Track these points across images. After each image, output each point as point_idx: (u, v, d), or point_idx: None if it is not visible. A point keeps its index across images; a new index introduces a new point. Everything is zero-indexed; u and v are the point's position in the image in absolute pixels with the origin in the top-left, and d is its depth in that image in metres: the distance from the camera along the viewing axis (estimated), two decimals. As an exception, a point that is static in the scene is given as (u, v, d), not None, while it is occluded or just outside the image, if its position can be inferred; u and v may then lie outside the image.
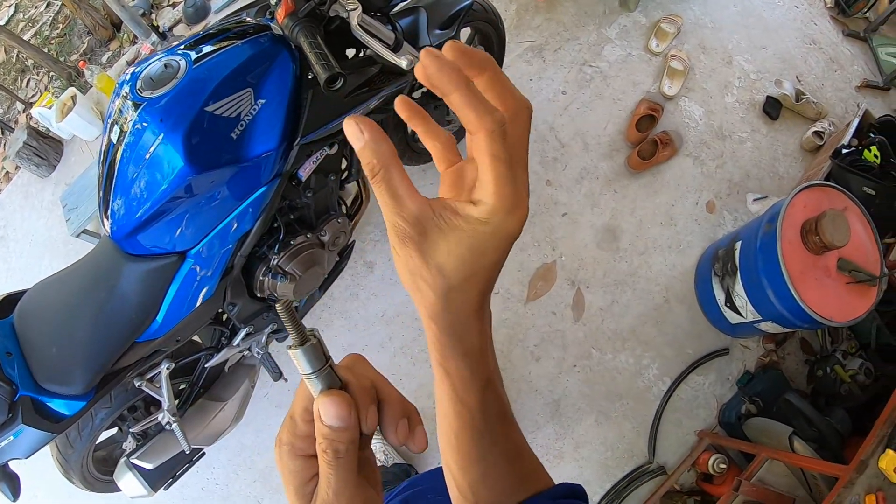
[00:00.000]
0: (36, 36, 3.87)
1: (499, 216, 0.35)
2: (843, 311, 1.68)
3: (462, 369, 0.41)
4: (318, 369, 0.37)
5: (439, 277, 0.37)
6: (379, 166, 0.35)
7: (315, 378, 0.37)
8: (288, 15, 1.20)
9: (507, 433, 0.46)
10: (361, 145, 0.35)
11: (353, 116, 0.36)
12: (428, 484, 0.87)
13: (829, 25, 2.78)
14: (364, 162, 0.35)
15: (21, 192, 3.20)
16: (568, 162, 2.44)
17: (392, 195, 0.36)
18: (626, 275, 2.26)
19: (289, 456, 0.38)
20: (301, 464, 0.38)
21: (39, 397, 1.30)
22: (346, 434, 0.36)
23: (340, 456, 0.36)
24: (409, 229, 0.36)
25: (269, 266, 1.62)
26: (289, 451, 0.38)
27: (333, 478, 0.36)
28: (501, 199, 0.35)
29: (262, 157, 1.31)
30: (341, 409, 0.36)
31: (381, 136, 0.35)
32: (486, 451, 0.44)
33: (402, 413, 0.40)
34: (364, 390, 0.39)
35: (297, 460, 0.38)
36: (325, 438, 0.36)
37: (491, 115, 0.33)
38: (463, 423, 0.43)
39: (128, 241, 1.33)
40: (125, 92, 1.25)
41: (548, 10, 2.75)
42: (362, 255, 2.38)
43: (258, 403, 2.25)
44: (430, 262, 0.36)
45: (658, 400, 2.11)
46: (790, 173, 2.43)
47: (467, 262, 0.36)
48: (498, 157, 0.34)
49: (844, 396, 1.94)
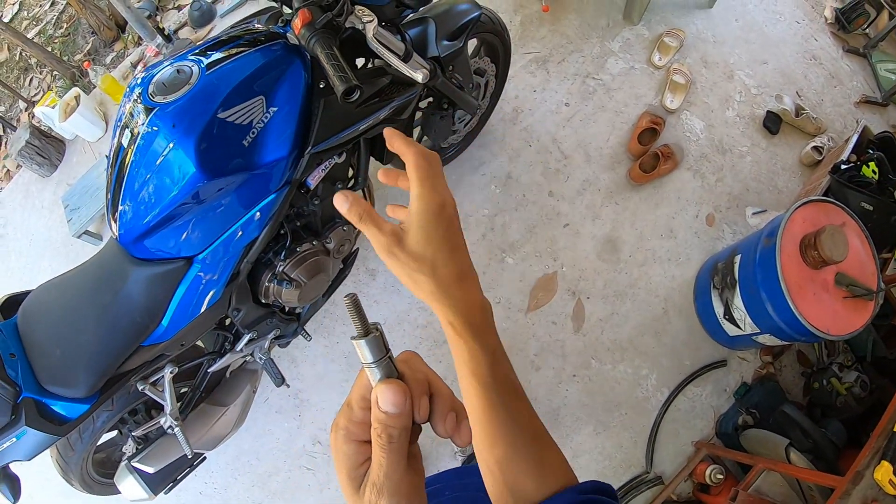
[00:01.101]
0: (40, 35, 3.85)
1: (424, 196, 0.51)
2: (840, 325, 1.70)
3: (470, 342, 0.49)
4: (379, 359, 0.40)
5: (421, 259, 0.51)
6: (364, 212, 0.52)
7: (375, 367, 0.40)
8: (305, 25, 1.20)
9: (523, 410, 0.51)
10: (347, 208, 0.51)
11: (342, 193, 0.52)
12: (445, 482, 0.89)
13: (830, 41, 2.82)
14: (352, 216, 0.52)
15: (22, 192, 3.18)
16: (570, 173, 2.46)
17: (375, 225, 0.52)
18: (626, 286, 2.28)
19: (344, 440, 0.42)
20: (355, 448, 0.41)
21: (43, 399, 1.29)
22: (400, 420, 0.40)
23: (394, 441, 0.39)
24: (388, 240, 0.51)
25: (275, 272, 1.63)
26: (344, 435, 0.42)
27: (385, 461, 0.39)
28: (421, 186, 0.51)
29: (273, 164, 1.32)
30: (398, 397, 0.40)
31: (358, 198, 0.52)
32: (506, 428, 0.48)
33: (451, 408, 0.44)
34: (418, 382, 0.43)
35: (351, 444, 0.42)
36: (381, 423, 0.40)
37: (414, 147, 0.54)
38: (480, 398, 0.49)
39: (135, 245, 1.33)
40: (136, 96, 1.25)
41: (552, 22, 2.77)
42: (365, 263, 2.39)
43: (258, 409, 2.26)
44: (411, 253, 0.51)
45: (656, 410, 2.13)
46: (789, 188, 2.45)
47: (431, 238, 0.51)
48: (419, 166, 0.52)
49: (840, 408, 1.96)
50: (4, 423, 1.24)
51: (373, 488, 0.39)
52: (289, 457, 2.21)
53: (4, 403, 1.23)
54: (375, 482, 0.39)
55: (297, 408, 2.26)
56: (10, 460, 1.30)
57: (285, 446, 2.23)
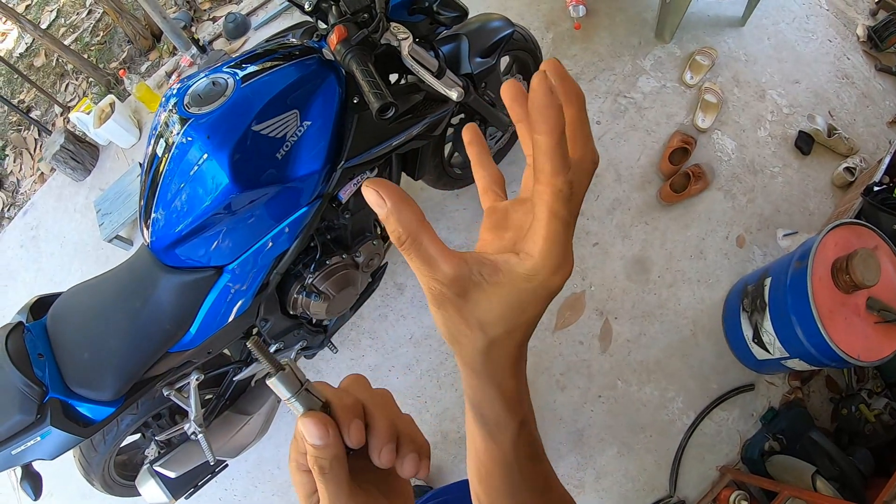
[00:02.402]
0: (76, 42, 3.94)
1: (543, 274, 0.33)
2: (871, 351, 1.66)
3: (498, 412, 0.41)
4: (295, 392, 0.39)
5: (480, 333, 0.36)
6: (406, 235, 0.33)
7: (294, 401, 0.40)
8: (341, 41, 1.20)
9: (538, 470, 0.46)
10: (384, 213, 0.33)
11: (371, 181, 0.33)
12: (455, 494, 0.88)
13: (862, 60, 2.77)
14: (389, 230, 0.33)
15: (55, 195, 3.25)
16: (600, 192, 2.45)
17: (424, 261, 0.34)
18: (655, 307, 2.26)
19: (295, 471, 0.41)
20: (305, 478, 0.41)
21: (69, 400, 1.32)
22: (327, 451, 0.38)
23: (326, 471, 0.39)
24: (448, 292, 0.34)
25: (304, 285, 1.64)
26: (295, 466, 0.41)
27: (325, 490, 0.39)
28: (549, 258, 0.33)
29: (306, 178, 1.33)
30: (318, 429, 0.38)
31: (404, 201, 0.33)
32: (517, 488, 0.45)
33: (389, 437, 0.42)
34: (346, 409, 0.41)
35: (301, 474, 0.41)
36: (311, 456, 0.39)
37: (565, 174, 0.31)
38: (495, 461, 0.44)
39: (166, 252, 1.35)
40: (172, 106, 1.27)
41: (584, 40, 2.77)
42: (393, 277, 2.40)
43: (282, 418, 2.26)
44: (471, 319, 0.35)
45: (681, 433, 2.09)
46: (821, 209, 2.41)
47: (508, 319, 0.36)
48: (557, 215, 0.32)
49: (868, 436, 1.92)
50: (30, 422, 1.26)
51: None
52: (307, 470, 2.22)
53: (31, 403, 1.26)
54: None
55: (321, 419, 2.26)
56: (34, 458, 1.33)
57: (308, 457, 2.23)
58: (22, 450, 1.29)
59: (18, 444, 1.27)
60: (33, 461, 1.35)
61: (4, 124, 3.93)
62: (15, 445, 1.27)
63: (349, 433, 0.40)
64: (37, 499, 1.42)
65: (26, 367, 1.28)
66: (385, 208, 0.32)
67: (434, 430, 2.18)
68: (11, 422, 1.25)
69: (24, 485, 1.40)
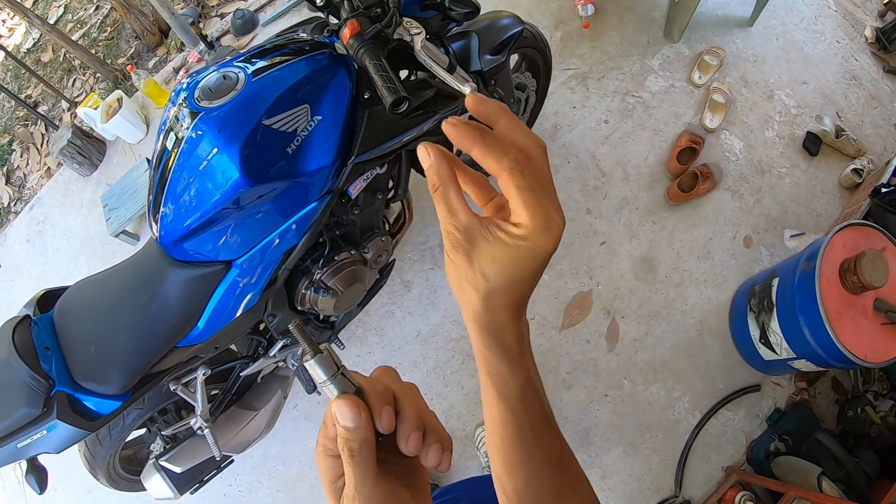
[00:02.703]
0: (84, 37, 3.95)
1: (535, 234, 0.39)
2: (878, 352, 1.67)
3: (501, 368, 0.44)
4: (332, 376, 0.42)
5: (482, 280, 0.41)
6: (439, 183, 0.41)
7: (329, 384, 0.42)
8: (353, 35, 1.19)
9: (550, 437, 0.48)
10: (428, 165, 0.42)
11: (424, 143, 0.42)
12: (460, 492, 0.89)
13: (870, 61, 2.76)
14: (428, 178, 0.42)
15: (61, 190, 3.26)
16: (608, 191, 2.45)
17: (448, 208, 0.41)
18: (662, 306, 2.26)
19: (323, 455, 0.43)
20: (332, 462, 0.43)
21: (75, 394, 1.31)
22: (358, 433, 0.41)
23: (355, 454, 0.40)
24: (461, 237, 0.41)
25: (312, 280, 1.63)
26: (322, 451, 0.43)
27: (352, 474, 0.40)
28: (534, 220, 0.39)
29: (316, 172, 1.32)
30: (351, 411, 0.41)
31: (444, 158, 0.42)
32: (530, 455, 0.47)
33: (417, 426, 0.44)
34: (378, 395, 0.43)
35: (328, 459, 0.43)
36: (342, 438, 0.41)
37: (506, 156, 0.39)
38: (505, 422, 0.46)
39: (174, 246, 1.35)
40: (182, 100, 1.26)
41: (592, 39, 2.77)
42: (400, 274, 2.40)
43: (287, 415, 2.27)
44: (476, 266, 0.41)
45: (687, 433, 2.09)
46: (828, 210, 2.41)
47: (507, 270, 0.41)
48: (521, 187, 0.39)
49: (874, 438, 1.92)
50: (36, 416, 1.26)
51: (346, 500, 0.41)
52: (315, 464, 2.20)
53: (37, 396, 1.25)
54: (347, 494, 0.41)
55: (327, 415, 2.27)
56: (39, 452, 1.32)
57: (312, 454, 2.21)
58: (28, 443, 1.28)
59: (24, 437, 1.27)
60: (39, 455, 1.35)
61: (11, 119, 3.95)
62: (21, 439, 1.27)
63: (381, 418, 0.42)
64: (42, 493, 1.42)
65: (33, 360, 1.28)
66: (429, 161, 0.41)
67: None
68: (18, 415, 1.24)
69: (29, 478, 1.40)
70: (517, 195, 0.39)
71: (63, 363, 1.33)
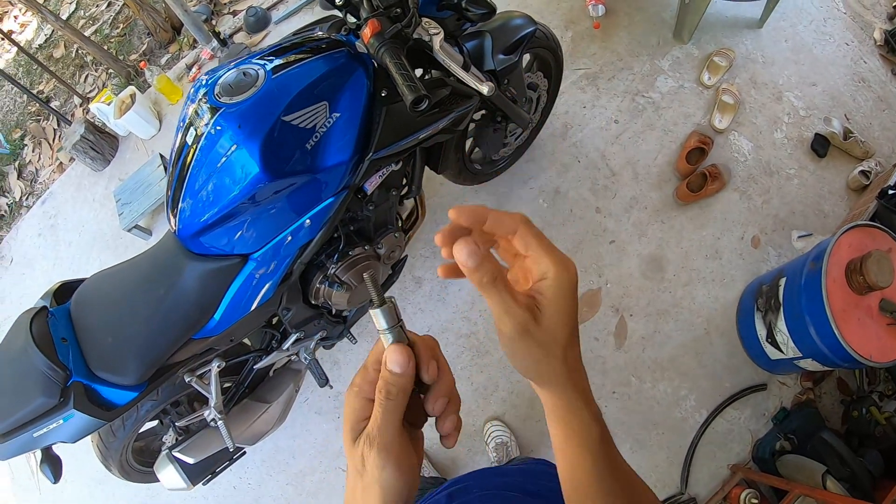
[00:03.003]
0: (96, 33, 3.97)
1: (561, 274, 0.45)
2: (883, 352, 1.68)
3: (586, 417, 0.48)
4: (391, 326, 0.46)
5: (556, 346, 0.45)
6: (495, 276, 0.43)
7: (388, 332, 0.46)
8: (374, 35, 1.21)
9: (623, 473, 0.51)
10: (474, 265, 0.43)
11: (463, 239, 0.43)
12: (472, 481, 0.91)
13: (879, 64, 2.77)
14: (479, 277, 0.43)
15: (74, 184, 3.29)
16: (618, 191, 2.47)
17: (510, 296, 0.44)
18: (670, 305, 2.27)
19: (355, 396, 0.47)
20: (362, 404, 0.46)
21: (92, 384, 1.32)
22: (402, 380, 0.45)
23: (391, 398, 0.44)
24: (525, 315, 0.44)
25: (327, 275, 1.65)
26: (356, 391, 0.47)
27: (381, 416, 0.44)
28: (556, 261, 0.45)
29: (333, 168, 1.34)
30: (402, 358, 0.45)
31: (490, 256, 0.44)
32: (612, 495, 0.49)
33: (448, 392, 0.48)
34: (427, 349, 0.48)
35: (360, 400, 0.47)
36: (384, 381, 0.45)
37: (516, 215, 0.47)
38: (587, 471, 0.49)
39: (192, 240, 1.36)
40: (202, 96, 1.27)
41: (603, 39, 2.79)
42: (412, 271, 2.42)
43: (298, 409, 2.29)
44: (547, 337, 0.45)
45: (693, 431, 2.11)
46: (835, 212, 2.42)
47: (566, 322, 0.45)
48: (537, 235, 0.46)
49: (879, 438, 1.93)
50: (53, 405, 1.27)
51: (366, 439, 0.44)
52: (325, 458, 2.24)
53: (54, 386, 1.26)
54: (369, 434, 0.44)
55: (337, 409, 2.29)
56: (55, 441, 1.33)
57: (322, 447, 2.26)
58: (44, 432, 1.29)
59: (41, 426, 1.28)
60: (54, 444, 1.35)
61: (23, 114, 3.97)
62: (37, 428, 1.28)
63: (427, 369, 0.47)
64: (56, 482, 1.42)
65: (50, 350, 1.29)
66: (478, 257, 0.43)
67: (449, 422, 2.20)
68: (34, 404, 1.25)
69: (43, 468, 1.41)
70: (537, 242, 0.46)
71: (80, 354, 1.33)
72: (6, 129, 3.91)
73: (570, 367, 0.47)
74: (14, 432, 1.29)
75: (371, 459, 0.43)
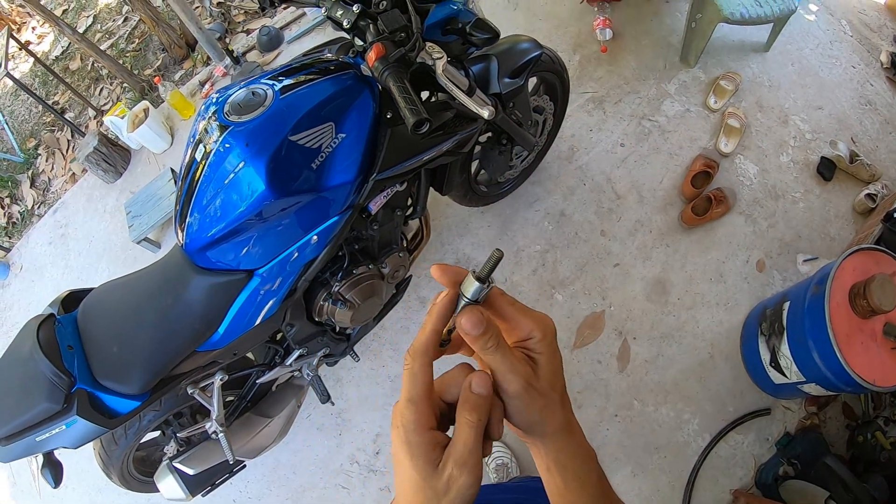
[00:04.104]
0: (112, 48, 4.04)
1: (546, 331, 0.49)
2: (887, 377, 1.66)
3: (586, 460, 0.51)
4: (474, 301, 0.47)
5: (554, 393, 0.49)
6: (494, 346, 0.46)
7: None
8: (379, 59, 1.22)
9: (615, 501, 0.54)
10: (479, 333, 0.45)
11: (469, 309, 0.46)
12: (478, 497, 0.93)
13: (885, 86, 2.78)
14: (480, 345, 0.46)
15: (85, 195, 3.33)
16: (623, 213, 2.48)
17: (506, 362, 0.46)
18: (674, 329, 2.27)
19: (416, 433, 0.45)
20: (429, 437, 0.45)
21: (96, 392, 1.33)
22: (488, 401, 0.46)
23: (482, 420, 0.45)
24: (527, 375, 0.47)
25: (331, 292, 1.66)
26: (415, 428, 0.45)
27: (472, 439, 0.44)
28: (538, 320, 0.49)
29: (338, 188, 1.35)
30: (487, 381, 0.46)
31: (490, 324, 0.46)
32: None
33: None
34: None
35: (425, 434, 0.45)
36: (472, 404, 0.45)
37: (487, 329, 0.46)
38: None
39: (199, 254, 1.37)
40: (212, 114, 1.30)
41: (610, 63, 2.81)
42: (416, 290, 2.43)
43: (300, 424, 2.29)
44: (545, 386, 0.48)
45: (696, 455, 2.09)
46: (841, 235, 2.41)
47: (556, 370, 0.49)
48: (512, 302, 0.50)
49: (884, 464, 1.91)
50: (56, 411, 1.27)
51: (455, 464, 0.43)
52: (326, 473, 2.24)
53: (58, 391, 1.27)
54: (459, 460, 0.43)
55: (339, 426, 2.29)
56: (57, 446, 1.34)
57: (323, 463, 2.26)
58: (46, 437, 1.30)
59: (43, 431, 1.29)
60: (56, 449, 1.37)
61: (38, 124, 4.04)
62: (40, 432, 1.29)
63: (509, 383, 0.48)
64: (56, 487, 1.43)
65: (56, 357, 1.31)
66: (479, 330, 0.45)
67: (450, 441, 2.20)
68: (38, 409, 1.26)
69: (44, 472, 1.42)
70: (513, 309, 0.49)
71: (85, 361, 1.35)
72: (21, 138, 3.97)
73: (567, 412, 0.50)
74: (17, 436, 1.30)
75: (462, 481, 0.43)
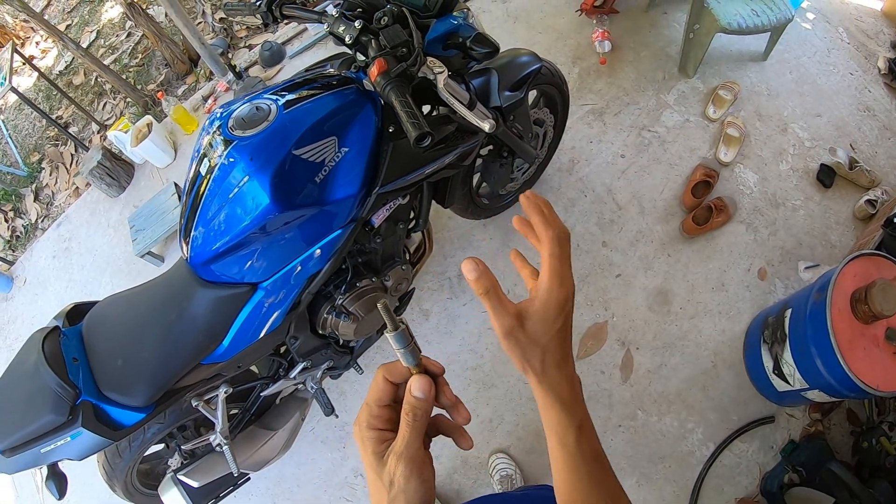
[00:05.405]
0: (115, 62, 4.07)
1: (552, 290, 0.55)
2: (890, 382, 1.66)
3: (561, 418, 0.56)
4: (405, 346, 0.52)
5: (536, 346, 0.55)
6: (490, 288, 0.54)
7: (404, 352, 0.52)
8: (381, 73, 1.22)
9: (603, 476, 0.58)
10: (475, 278, 0.54)
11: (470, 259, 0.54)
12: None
13: (884, 92, 2.79)
14: (478, 287, 0.54)
15: (89, 209, 3.35)
16: (624, 224, 2.49)
17: (500, 304, 0.55)
18: (676, 338, 2.27)
19: (367, 428, 0.54)
20: (374, 434, 0.53)
21: (100, 404, 1.34)
22: (426, 404, 0.52)
23: (417, 419, 0.51)
24: (512, 322, 0.55)
25: (334, 305, 1.66)
26: (367, 426, 0.54)
27: (409, 435, 0.51)
28: (551, 278, 0.55)
29: (342, 201, 1.37)
30: (426, 385, 0.52)
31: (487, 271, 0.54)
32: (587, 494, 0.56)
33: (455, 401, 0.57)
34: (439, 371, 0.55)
35: (371, 432, 0.53)
36: (411, 405, 0.52)
37: (553, 229, 0.56)
38: (565, 465, 0.56)
39: (203, 268, 1.39)
40: (216, 129, 1.31)
41: (609, 75, 2.83)
42: (419, 303, 2.44)
43: (304, 437, 2.30)
44: (529, 337, 0.55)
45: (700, 465, 2.08)
46: (842, 242, 2.42)
47: (548, 327, 0.55)
48: (553, 254, 0.55)
49: (889, 469, 1.90)
50: (61, 423, 1.28)
51: (394, 456, 0.50)
52: (329, 486, 2.24)
53: (63, 404, 1.28)
54: (397, 451, 0.51)
55: (343, 440, 2.29)
56: (62, 458, 1.35)
57: (327, 476, 2.26)
58: (51, 448, 1.31)
59: (48, 443, 1.30)
60: (61, 461, 1.37)
61: (42, 138, 4.07)
62: (45, 444, 1.30)
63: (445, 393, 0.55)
64: (60, 498, 1.44)
65: (61, 369, 1.31)
66: (476, 273, 0.54)
67: (454, 454, 2.20)
68: (43, 421, 1.27)
69: (49, 484, 1.42)
70: (548, 260, 0.56)
71: (90, 374, 1.36)
72: (25, 152, 4.00)
73: (547, 368, 0.55)
74: (22, 447, 1.31)
75: (399, 472, 0.50)
